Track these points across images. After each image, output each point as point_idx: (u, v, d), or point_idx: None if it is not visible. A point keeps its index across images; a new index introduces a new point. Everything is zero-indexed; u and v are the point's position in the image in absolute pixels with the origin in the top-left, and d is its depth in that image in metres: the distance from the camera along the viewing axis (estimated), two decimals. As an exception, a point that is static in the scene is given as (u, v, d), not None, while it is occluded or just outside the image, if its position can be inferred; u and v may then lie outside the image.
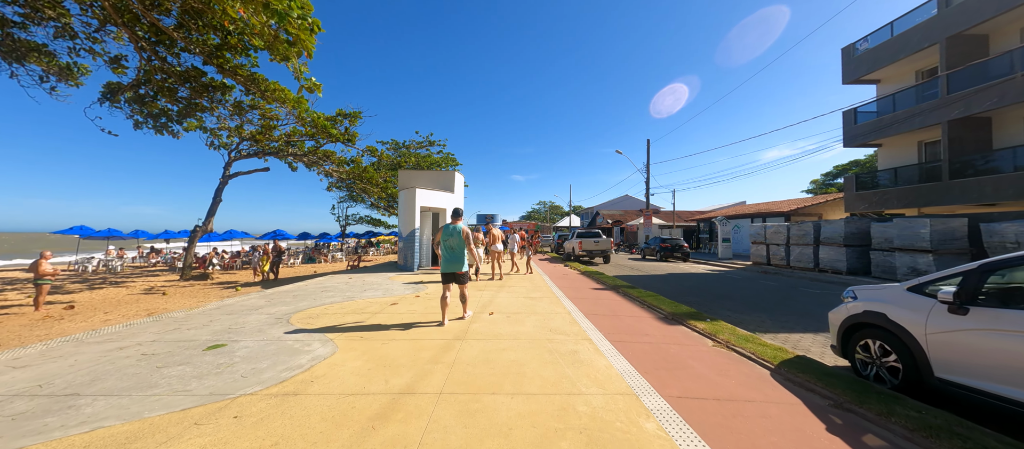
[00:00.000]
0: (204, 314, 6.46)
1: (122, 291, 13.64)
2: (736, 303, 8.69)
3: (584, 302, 7.66)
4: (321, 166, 20.29)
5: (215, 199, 17.41)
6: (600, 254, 19.42)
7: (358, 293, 8.63)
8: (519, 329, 5.41)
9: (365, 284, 10.12)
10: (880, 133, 15.91)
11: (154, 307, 9.89)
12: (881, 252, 11.87)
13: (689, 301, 8.78)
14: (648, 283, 12.13)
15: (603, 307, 7.19)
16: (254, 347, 4.59)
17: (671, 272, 15.58)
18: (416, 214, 13.50)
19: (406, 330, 5.31)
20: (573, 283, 10.69)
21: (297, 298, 7.97)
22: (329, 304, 7.28)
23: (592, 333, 5.26)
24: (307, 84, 8.76)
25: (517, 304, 7.31)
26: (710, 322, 5.90)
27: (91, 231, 19.64)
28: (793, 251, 14.94)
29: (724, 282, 12.44)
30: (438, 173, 16.71)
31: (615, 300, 8.01)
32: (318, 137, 17.58)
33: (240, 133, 15.99)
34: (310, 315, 6.29)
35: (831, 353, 4.92)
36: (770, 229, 16.17)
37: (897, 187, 15.21)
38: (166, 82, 12.49)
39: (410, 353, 4.35)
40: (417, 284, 10.04)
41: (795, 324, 6.72)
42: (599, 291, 9.25)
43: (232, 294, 11.90)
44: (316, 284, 10.18)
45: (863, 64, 16.74)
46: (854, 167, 52.45)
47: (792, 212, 21.01)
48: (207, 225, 17.26)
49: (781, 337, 5.87)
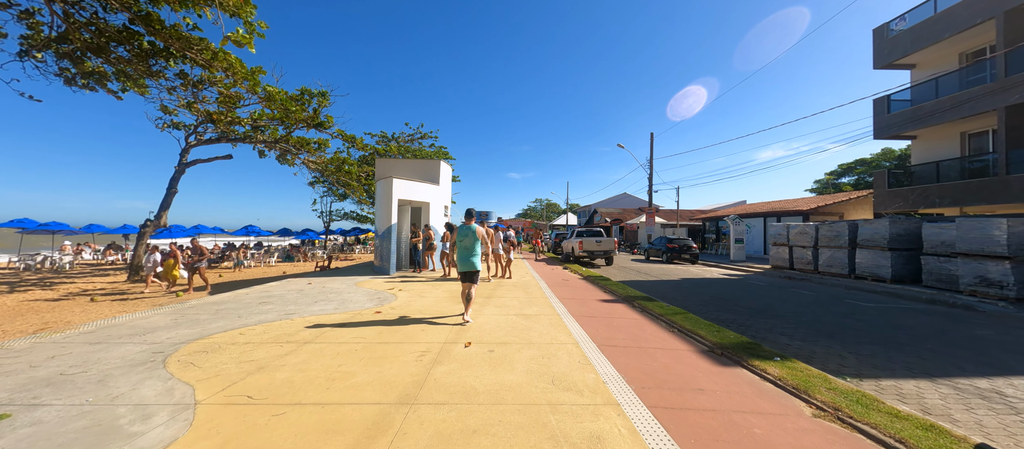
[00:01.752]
0: (63, 341, 4.55)
1: (48, 294, 11.65)
2: (784, 323, 6.89)
3: (594, 323, 5.83)
4: (295, 156, 18.30)
5: (169, 190, 15.39)
6: (602, 255, 17.63)
7: (305, 306, 6.74)
8: (505, 379, 3.55)
9: (323, 292, 8.23)
10: (918, 123, 14.17)
11: (52, 320, 7.93)
12: (936, 258, 10.12)
13: (724, 320, 6.97)
14: (662, 291, 10.33)
15: (622, 333, 5.35)
16: (53, 421, 2.71)
17: (685, 277, 13.79)
18: (393, 208, 11.61)
19: (328, 384, 3.43)
20: (576, 291, 8.86)
21: (217, 315, 6.07)
22: (251, 326, 5.38)
23: (618, 389, 3.41)
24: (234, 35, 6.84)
25: (505, 326, 5.46)
26: (781, 363, 4.08)
27: (34, 224, 17.53)
28: (822, 254, 13.19)
29: (750, 291, 10.67)
30: (420, 162, 14.81)
31: (634, 320, 6.18)
32: (286, 121, 15.61)
33: (195, 110, 13.92)
34: (206, 348, 4.40)
35: (1018, 427, 3.13)
36: (794, 229, 14.41)
37: (939, 183, 13.49)
38: (99, 40, 10.51)
39: (311, 440, 2.49)
40: (387, 292, 8.17)
41: (893, 362, 4.91)
42: (609, 304, 7.42)
43: (161, 299, 9.96)
44: (260, 292, 8.27)
45: (899, 46, 14.99)
46: (860, 165, 51.12)
47: (811, 211, 19.29)
48: (160, 220, 15.25)
49: (890, 386, 4.06)
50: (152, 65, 11.44)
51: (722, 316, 7.29)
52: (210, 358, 4.03)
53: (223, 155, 16.64)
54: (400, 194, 11.87)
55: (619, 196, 59.51)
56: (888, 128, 15.12)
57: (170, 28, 10.05)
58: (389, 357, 4.10)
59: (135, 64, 11.32)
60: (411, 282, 9.90)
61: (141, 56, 11.09)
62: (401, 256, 12.78)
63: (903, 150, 48.10)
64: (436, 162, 13.86)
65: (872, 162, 50.49)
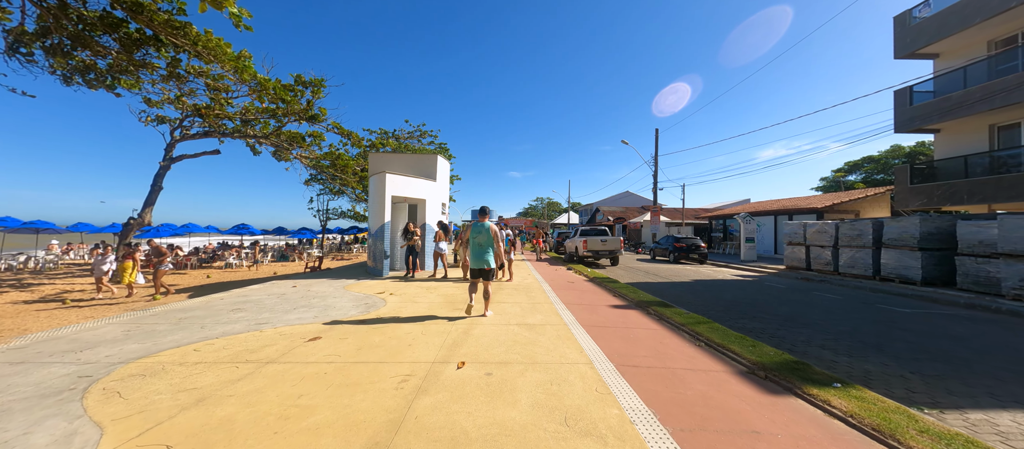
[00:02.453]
0: (-26, 363, 3.82)
1: (23, 296, 10.95)
2: (820, 333, 6.13)
3: (608, 335, 5.08)
4: (289, 152, 17.57)
5: (154, 187, 14.68)
6: (607, 255, 16.85)
7: (280, 315, 6.01)
8: (505, 417, 2.80)
9: (305, 297, 7.50)
10: (945, 115, 13.36)
11: (6, 329, 7.22)
12: (972, 258, 9.34)
13: (752, 329, 6.22)
14: (676, 295, 9.57)
15: (642, 349, 4.60)
16: None
17: (697, 279, 13.02)
18: (386, 205, 10.87)
19: (279, 425, 2.69)
20: (583, 295, 8.11)
21: (178, 325, 5.33)
22: (211, 340, 4.65)
23: (651, 432, 2.65)
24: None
25: (506, 339, 4.71)
26: (844, 391, 3.33)
27: (16, 222, 16.83)
28: (843, 254, 12.41)
29: (770, 294, 9.90)
30: (415, 156, 14.05)
31: (652, 330, 5.43)
32: (278, 114, 14.87)
33: (182, 104, 13.18)
34: (145, 370, 3.66)
35: None
36: (812, 228, 13.62)
37: (968, 179, 12.69)
38: (83, 30, 9.81)
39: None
40: (376, 297, 7.43)
41: (971, 386, 4.15)
42: (622, 311, 6.67)
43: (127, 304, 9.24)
44: (236, 297, 7.54)
45: (923, 34, 14.17)
46: (868, 163, 50.22)
47: (826, 209, 18.47)
48: (143, 218, 14.55)
49: (982, 421, 3.30)
50: (141, 54, 10.72)
51: (749, 325, 6.53)
52: (144, 385, 3.29)
53: (211, 150, 15.91)
54: (394, 190, 11.12)
55: (621, 194, 58.69)
56: (911, 121, 14.31)
57: (148, 5, 9.34)
58: (364, 383, 3.36)
59: (123, 54, 10.60)
60: (405, 284, 9.17)
61: (128, 45, 10.37)
62: (396, 257, 12.05)
63: (913, 146, 47.22)
64: (433, 156, 13.10)
65: (880, 159, 49.60)
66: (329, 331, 5.04)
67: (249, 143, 16.73)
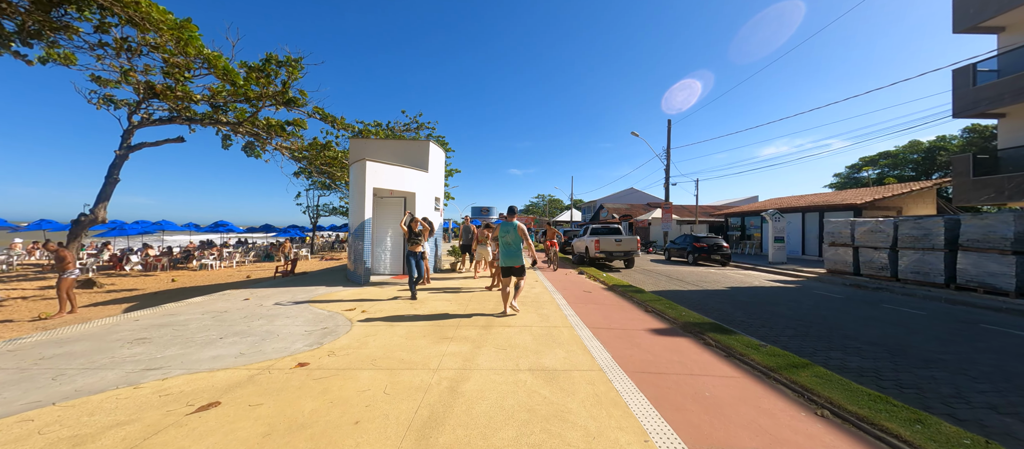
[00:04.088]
0: None
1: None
2: (946, 371, 4.37)
3: (670, 390, 3.30)
4: (266, 143, 15.76)
5: (109, 179, 12.94)
6: (622, 256, 15.07)
7: (195, 351, 4.25)
8: None
9: (249, 317, 5.75)
10: (1017, 97, 11.54)
11: None
12: (1087, 265, 7.56)
13: (863, 371, 4.45)
14: (720, 310, 7.80)
15: (732, 415, 2.82)
16: None
17: (731, 285, 11.21)
18: (366, 199, 9.11)
19: None
20: (609, 313, 6.34)
21: (25, 372, 3.59)
22: (41, 406, 2.89)
23: None
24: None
25: (514, 406, 2.94)
26: None
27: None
28: (904, 258, 10.60)
29: (833, 308, 8.13)
30: (403, 143, 12.30)
31: (732, 380, 3.66)
32: (251, 98, 13.08)
33: (132, 79, 11.33)
34: None
35: None
36: (863, 227, 11.81)
37: (1048, 170, 10.90)
38: None
39: None
40: (342, 316, 5.66)
41: None
42: (670, 340, 4.90)
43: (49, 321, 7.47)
44: (157, 316, 5.78)
45: (989, 4, 12.32)
46: (884, 158, 48.28)
47: (865, 205, 16.61)
48: (97, 213, 12.82)
49: None
50: (58, 14, 8.96)
51: (850, 363, 4.76)
52: None
53: (174, 138, 14.14)
54: (376, 181, 9.36)
55: (626, 191, 56.73)
56: (974, 104, 12.49)
57: None
58: None
59: (36, 13, 8.83)
60: (383, 302, 7.42)
61: (41, 2, 8.60)
62: (379, 260, 10.29)
63: (931, 141, 45.23)
64: (424, 143, 11.30)
65: (897, 154, 47.65)
66: (243, 385, 3.28)
67: (221, 132, 14.96)
